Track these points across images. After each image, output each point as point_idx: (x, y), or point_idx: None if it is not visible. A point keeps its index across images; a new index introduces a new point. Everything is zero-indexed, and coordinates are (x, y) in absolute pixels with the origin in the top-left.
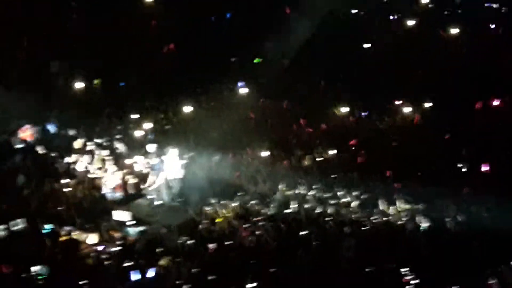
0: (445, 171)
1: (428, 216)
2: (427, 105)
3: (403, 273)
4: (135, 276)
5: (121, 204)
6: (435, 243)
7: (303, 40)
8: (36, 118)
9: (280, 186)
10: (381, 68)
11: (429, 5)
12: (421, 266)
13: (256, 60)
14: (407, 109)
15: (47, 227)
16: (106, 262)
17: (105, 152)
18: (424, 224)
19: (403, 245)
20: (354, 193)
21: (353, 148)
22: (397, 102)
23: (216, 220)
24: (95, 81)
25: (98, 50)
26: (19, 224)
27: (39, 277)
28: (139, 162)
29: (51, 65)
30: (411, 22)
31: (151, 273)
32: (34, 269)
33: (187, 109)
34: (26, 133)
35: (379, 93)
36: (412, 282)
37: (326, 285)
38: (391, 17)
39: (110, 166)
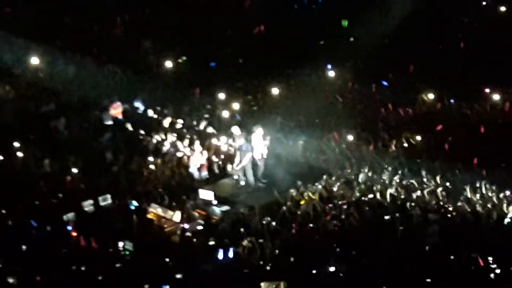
0: None
1: None
2: None
3: (487, 262)
4: (219, 255)
5: (207, 183)
6: None
7: (392, 24)
8: (127, 96)
9: (366, 170)
10: (471, 54)
11: None
12: (505, 256)
13: (343, 22)
14: (496, 96)
15: (134, 203)
16: (191, 240)
17: (193, 131)
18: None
19: (488, 233)
20: (440, 180)
21: (441, 134)
22: (486, 89)
23: (301, 203)
24: (180, 60)
25: (190, 31)
26: (107, 200)
27: (126, 252)
28: (226, 142)
29: (143, 43)
30: (503, 8)
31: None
32: (121, 244)
33: (275, 91)
34: (117, 110)
35: (468, 79)
36: (496, 271)
37: (409, 271)
38: (483, 3)
39: (197, 145)
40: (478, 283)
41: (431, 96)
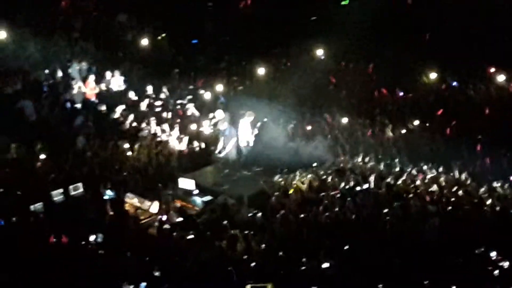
0: None
1: None
2: None
3: (491, 257)
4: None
5: (188, 171)
6: None
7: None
8: (101, 74)
9: (360, 158)
10: (475, 33)
11: None
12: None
13: (344, 2)
14: (501, 77)
15: (108, 193)
16: (169, 233)
17: (173, 114)
18: None
19: (493, 227)
20: (441, 168)
21: (442, 118)
22: (491, 69)
23: (289, 192)
24: (160, 36)
25: (171, 5)
26: (79, 189)
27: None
28: (209, 127)
29: (118, 17)
30: None
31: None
32: (93, 237)
33: (262, 71)
34: (92, 90)
35: (471, 60)
36: (502, 265)
37: (407, 268)
38: None
39: (178, 129)
40: (481, 280)
41: (432, 76)
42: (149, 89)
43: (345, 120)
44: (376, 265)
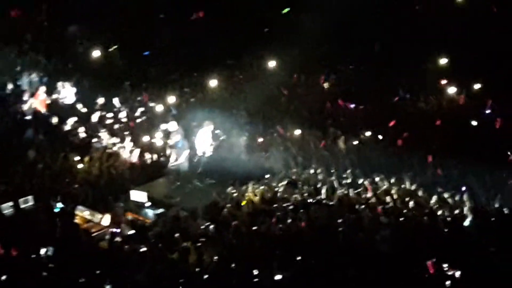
0: (494, 158)
1: (472, 208)
2: (476, 86)
3: (443, 267)
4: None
5: (140, 183)
6: (478, 236)
7: (344, 11)
8: (51, 87)
9: (312, 169)
10: (427, 46)
11: None
12: (463, 260)
13: (284, 11)
14: (452, 90)
15: (59, 205)
16: (121, 246)
17: (125, 126)
18: (468, 216)
19: (444, 238)
20: (393, 180)
21: (394, 130)
22: (443, 82)
23: (242, 204)
24: (111, 48)
25: (122, 16)
26: (29, 201)
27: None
28: (160, 139)
29: (69, 29)
30: None
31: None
32: (43, 250)
33: (214, 83)
34: (42, 101)
35: (424, 72)
36: (454, 275)
37: (360, 279)
38: None
39: (129, 141)
40: None
41: (384, 88)
42: (101, 101)
43: (297, 132)
44: (329, 277)
